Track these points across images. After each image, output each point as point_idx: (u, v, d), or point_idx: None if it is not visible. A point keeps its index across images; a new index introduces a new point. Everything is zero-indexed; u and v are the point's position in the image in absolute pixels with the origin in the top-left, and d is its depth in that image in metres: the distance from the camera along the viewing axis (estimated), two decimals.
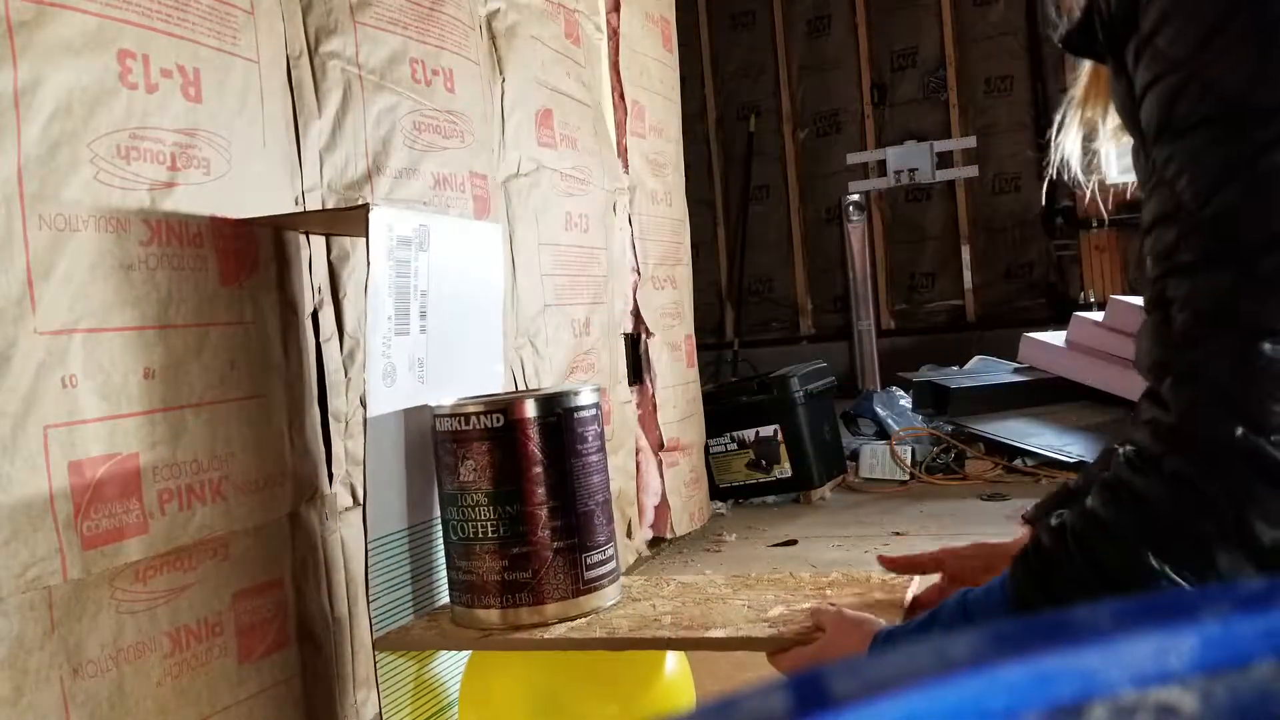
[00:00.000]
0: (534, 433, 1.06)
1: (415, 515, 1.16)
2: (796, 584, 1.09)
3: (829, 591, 1.05)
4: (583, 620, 1.06)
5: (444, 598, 1.17)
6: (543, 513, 1.06)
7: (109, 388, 0.99)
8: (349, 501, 1.34)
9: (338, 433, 1.32)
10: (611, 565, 1.11)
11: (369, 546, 1.08)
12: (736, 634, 0.96)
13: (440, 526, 1.18)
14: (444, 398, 1.16)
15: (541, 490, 1.06)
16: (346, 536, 1.32)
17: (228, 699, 1.11)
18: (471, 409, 1.07)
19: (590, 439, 1.10)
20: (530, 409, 1.06)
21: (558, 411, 1.07)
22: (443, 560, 1.17)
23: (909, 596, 1.01)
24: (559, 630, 1.04)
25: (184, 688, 1.05)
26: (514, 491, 1.06)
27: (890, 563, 1.02)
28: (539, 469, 1.06)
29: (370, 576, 1.08)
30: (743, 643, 0.96)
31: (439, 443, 1.10)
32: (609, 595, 1.10)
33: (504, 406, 1.06)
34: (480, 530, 1.07)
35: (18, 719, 0.88)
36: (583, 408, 1.09)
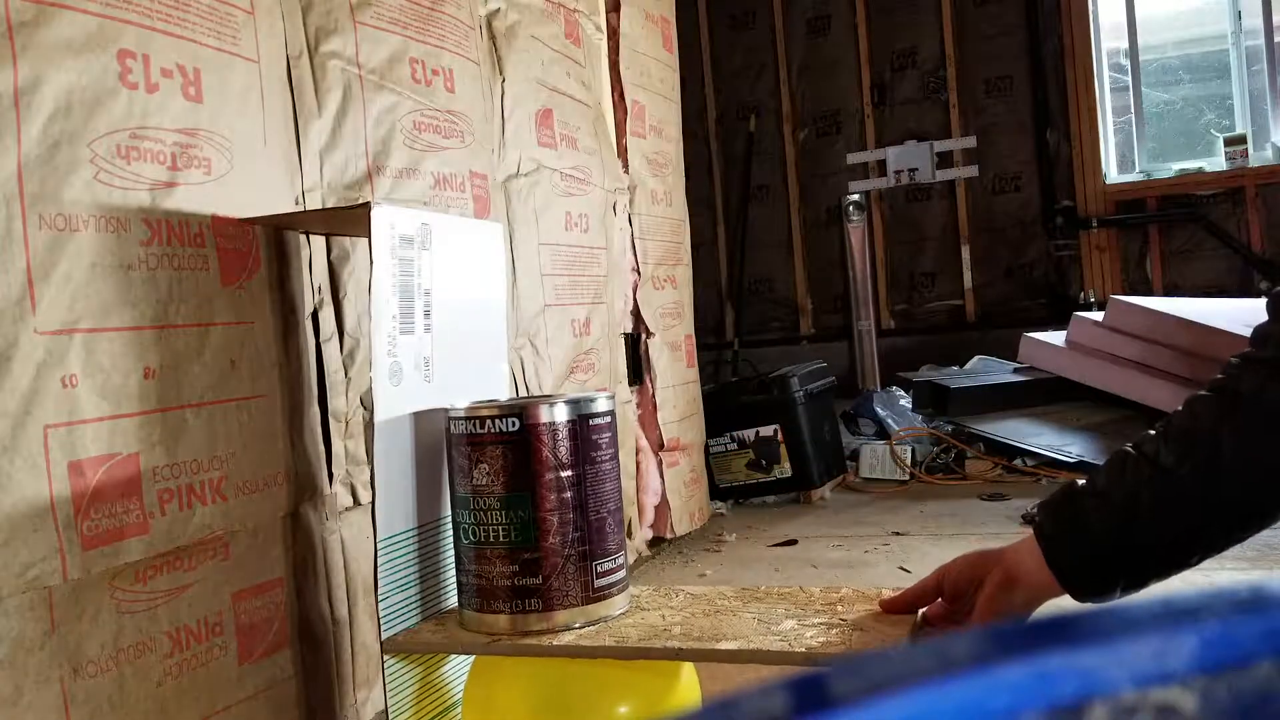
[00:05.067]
0: (549, 438, 1.06)
1: (423, 515, 1.16)
2: (807, 599, 1.09)
3: (840, 607, 1.05)
4: (591, 628, 1.06)
5: (451, 600, 1.17)
6: (554, 519, 1.06)
7: (109, 388, 0.99)
8: (349, 501, 1.34)
9: (338, 433, 1.32)
10: (621, 574, 1.11)
11: (378, 546, 1.08)
12: (748, 646, 0.96)
13: (446, 527, 1.18)
14: (451, 397, 1.16)
15: (554, 496, 1.06)
16: (346, 537, 1.32)
17: (228, 699, 1.11)
18: (487, 412, 1.07)
19: (604, 446, 1.09)
20: (546, 414, 1.06)
21: (573, 418, 1.07)
22: (450, 562, 1.17)
23: (920, 613, 1.01)
24: (568, 637, 1.04)
25: (184, 688, 1.06)
26: (527, 496, 1.05)
27: (893, 606, 1.02)
28: (552, 475, 1.06)
29: (379, 576, 1.08)
30: (754, 655, 0.95)
31: (453, 445, 1.10)
32: (618, 604, 1.09)
33: (520, 410, 1.06)
34: (492, 534, 1.06)
35: (18, 719, 0.88)
36: (598, 415, 1.09)
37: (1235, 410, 0.87)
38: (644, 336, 2.40)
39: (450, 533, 1.17)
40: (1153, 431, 0.92)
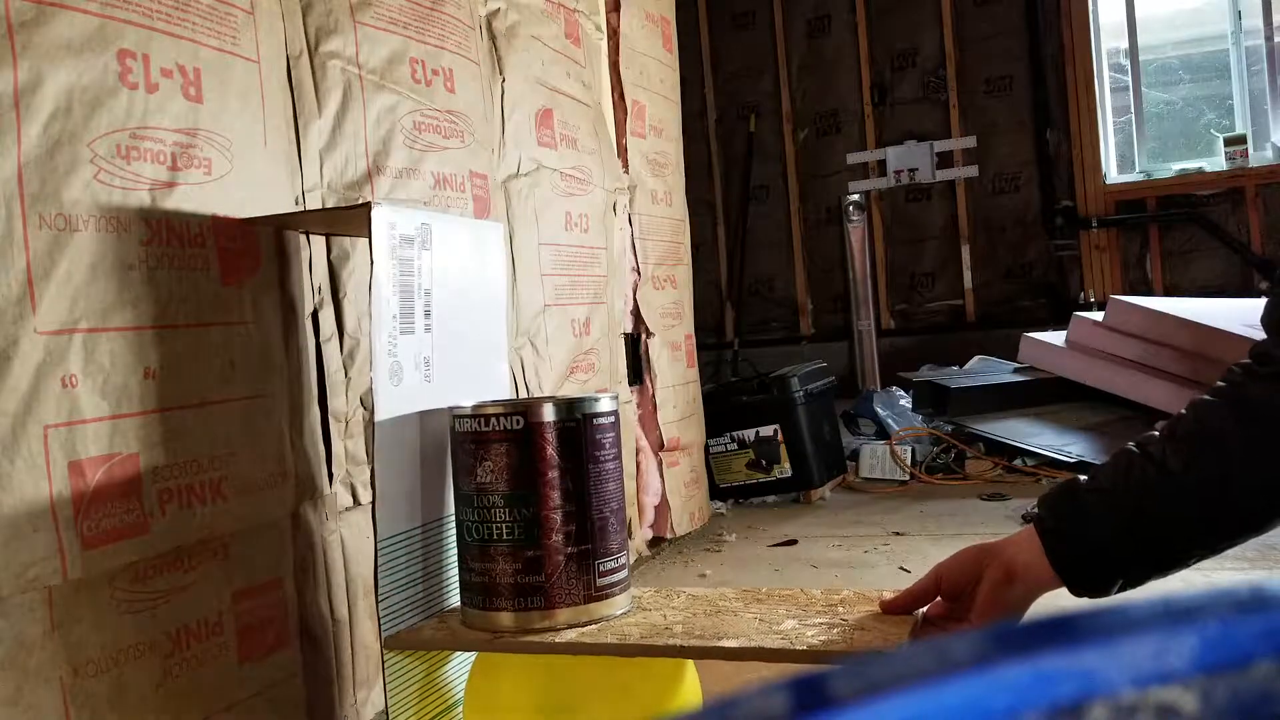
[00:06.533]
0: (552, 436, 1.06)
1: (425, 515, 1.16)
2: (808, 600, 1.09)
3: (841, 608, 1.05)
4: (594, 626, 1.06)
5: (453, 599, 1.17)
6: (557, 517, 1.06)
7: (109, 388, 0.99)
8: (349, 501, 1.34)
9: (338, 433, 1.32)
10: (624, 574, 1.11)
11: (378, 546, 1.08)
12: (749, 644, 0.96)
13: (448, 527, 1.18)
14: (451, 397, 1.16)
15: (557, 494, 1.06)
16: (346, 536, 1.32)
17: (228, 699, 1.11)
18: (492, 410, 1.08)
19: (607, 446, 1.10)
20: (549, 413, 1.06)
21: (576, 417, 1.07)
22: (452, 561, 1.17)
23: (920, 613, 1.01)
24: (570, 635, 1.04)
25: (184, 688, 1.05)
26: (530, 495, 1.06)
27: (893, 606, 1.02)
28: (555, 473, 1.06)
29: (379, 576, 1.08)
30: (756, 653, 0.96)
31: (457, 443, 1.11)
32: (620, 603, 1.10)
33: (524, 409, 1.07)
34: (495, 532, 1.07)
35: (18, 719, 0.88)
36: (601, 414, 1.09)
37: (1243, 419, 0.87)
38: (644, 336, 2.40)
39: (452, 532, 1.17)
40: (1155, 433, 0.92)
